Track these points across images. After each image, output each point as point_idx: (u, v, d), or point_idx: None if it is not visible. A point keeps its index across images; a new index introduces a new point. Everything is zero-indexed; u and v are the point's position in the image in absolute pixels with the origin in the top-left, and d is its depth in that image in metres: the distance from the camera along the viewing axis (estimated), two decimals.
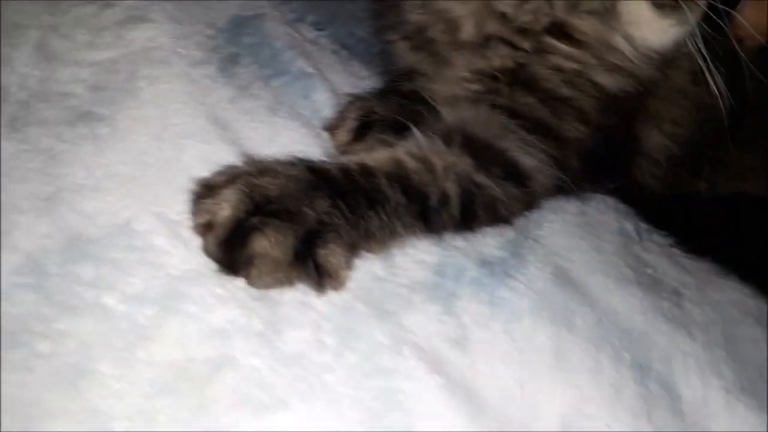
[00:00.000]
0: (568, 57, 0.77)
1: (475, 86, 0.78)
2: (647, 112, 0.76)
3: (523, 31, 0.77)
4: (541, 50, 0.78)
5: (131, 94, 0.66)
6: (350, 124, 0.74)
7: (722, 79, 0.74)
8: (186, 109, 0.66)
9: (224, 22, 0.85)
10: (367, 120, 0.75)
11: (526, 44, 0.78)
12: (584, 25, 0.76)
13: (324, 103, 0.78)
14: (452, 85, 0.79)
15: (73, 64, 0.67)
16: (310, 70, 0.81)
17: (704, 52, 0.73)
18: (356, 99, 0.78)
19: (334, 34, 0.97)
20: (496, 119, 0.73)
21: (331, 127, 0.75)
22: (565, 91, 0.77)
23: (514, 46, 0.78)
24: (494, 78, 0.77)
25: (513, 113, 0.74)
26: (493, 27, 0.78)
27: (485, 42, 0.79)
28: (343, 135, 0.74)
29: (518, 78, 0.77)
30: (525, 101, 0.76)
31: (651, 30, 0.75)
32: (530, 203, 0.74)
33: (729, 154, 0.85)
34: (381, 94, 0.81)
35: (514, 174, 0.71)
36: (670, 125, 0.82)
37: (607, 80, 0.77)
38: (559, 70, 0.77)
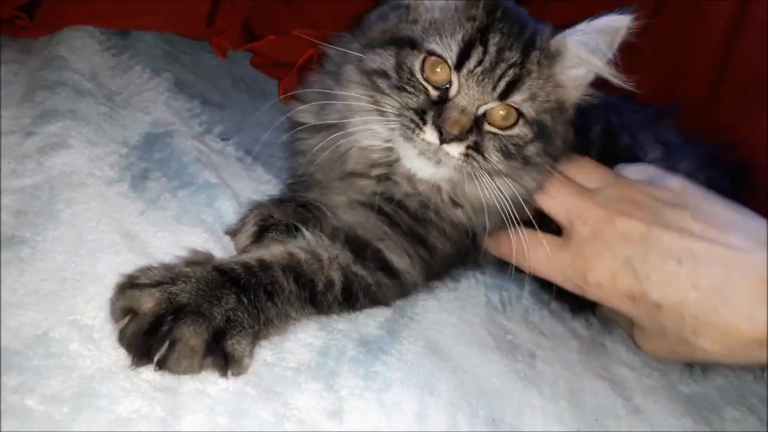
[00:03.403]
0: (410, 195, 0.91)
1: (359, 198, 0.91)
2: None
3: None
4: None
5: (50, 216, 0.75)
6: (250, 229, 0.85)
7: None
8: (100, 226, 0.77)
9: (137, 139, 0.96)
10: (264, 225, 0.85)
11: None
12: None
13: (226, 210, 0.89)
14: (342, 196, 0.92)
15: None
16: (214, 180, 0.93)
17: None
18: (256, 206, 0.89)
19: (239, 142, 1.09)
20: (376, 223, 0.87)
21: (232, 233, 0.86)
22: (425, 214, 0.91)
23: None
24: (374, 194, 0.90)
25: (392, 221, 0.88)
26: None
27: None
28: (244, 239, 0.84)
29: (392, 198, 0.90)
30: (399, 216, 0.89)
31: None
32: (403, 293, 0.86)
33: None
34: (279, 201, 0.91)
35: (386, 268, 0.84)
36: None
37: (452, 214, 0.92)
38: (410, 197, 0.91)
